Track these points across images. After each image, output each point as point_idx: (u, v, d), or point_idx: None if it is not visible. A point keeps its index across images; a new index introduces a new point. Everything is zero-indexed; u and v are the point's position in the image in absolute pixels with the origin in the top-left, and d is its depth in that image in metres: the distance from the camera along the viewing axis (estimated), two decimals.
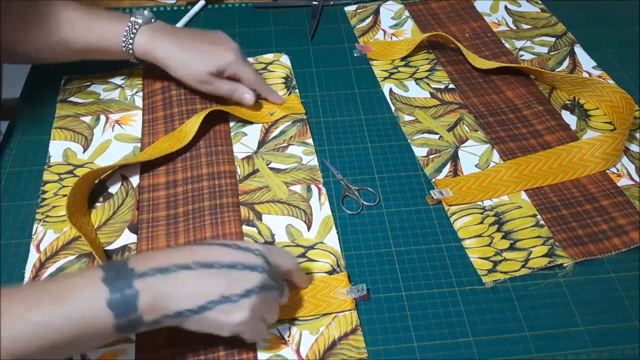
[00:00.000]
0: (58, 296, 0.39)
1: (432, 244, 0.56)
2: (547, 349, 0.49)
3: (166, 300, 0.41)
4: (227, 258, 0.43)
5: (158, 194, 0.60)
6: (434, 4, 0.87)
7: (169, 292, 0.41)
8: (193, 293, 0.41)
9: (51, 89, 0.71)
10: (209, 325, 0.43)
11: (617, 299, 0.52)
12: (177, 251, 0.44)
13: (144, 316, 0.40)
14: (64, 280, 0.41)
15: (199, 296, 0.41)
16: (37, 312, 0.38)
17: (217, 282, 0.42)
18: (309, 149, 0.64)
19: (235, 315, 0.42)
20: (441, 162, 0.63)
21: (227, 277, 0.42)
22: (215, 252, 0.43)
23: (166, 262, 0.42)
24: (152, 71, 0.73)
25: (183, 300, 0.41)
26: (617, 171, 0.62)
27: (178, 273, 0.41)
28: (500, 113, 0.69)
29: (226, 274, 0.42)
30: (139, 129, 0.67)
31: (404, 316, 0.51)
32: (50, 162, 0.62)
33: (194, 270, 0.42)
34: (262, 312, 0.45)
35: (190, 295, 0.41)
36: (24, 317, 0.38)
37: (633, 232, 0.56)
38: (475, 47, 0.79)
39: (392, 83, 0.73)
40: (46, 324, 0.38)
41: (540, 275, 0.54)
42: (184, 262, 0.42)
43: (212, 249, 0.44)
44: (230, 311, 0.42)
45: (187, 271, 0.41)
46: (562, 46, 0.79)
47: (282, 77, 0.74)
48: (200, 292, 0.41)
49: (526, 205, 0.59)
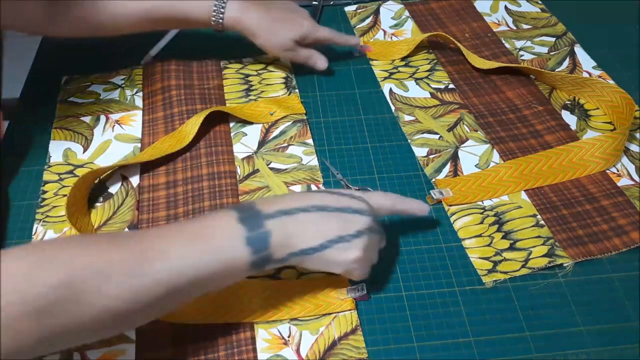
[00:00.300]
0: (201, 234, 0.42)
1: (432, 244, 0.56)
2: (547, 349, 0.49)
3: (292, 239, 0.44)
4: (338, 203, 0.47)
5: (158, 194, 0.60)
6: (434, 4, 0.87)
7: (294, 232, 0.44)
8: (314, 233, 0.45)
9: (51, 89, 0.71)
10: (327, 262, 0.46)
11: (617, 299, 0.52)
12: (296, 196, 0.47)
13: (273, 254, 0.44)
14: (202, 221, 0.44)
15: (319, 236, 0.45)
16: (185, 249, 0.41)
17: (333, 224, 0.46)
18: (309, 149, 0.65)
19: (350, 253, 0.46)
20: (441, 162, 0.63)
21: (341, 219, 0.46)
22: (327, 198, 0.47)
23: (288, 206, 0.45)
24: (152, 71, 0.73)
25: (306, 239, 0.45)
26: (617, 171, 0.62)
27: (299, 215, 0.45)
28: (501, 113, 0.69)
29: (339, 217, 0.46)
30: (139, 129, 0.67)
31: (404, 316, 0.51)
32: (50, 162, 0.62)
33: (312, 213, 0.45)
34: (370, 252, 0.48)
35: (312, 235, 0.45)
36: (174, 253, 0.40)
37: (633, 232, 0.56)
38: (475, 47, 0.79)
39: (392, 83, 0.73)
40: (194, 259, 0.41)
41: (540, 275, 0.54)
42: (304, 205, 0.45)
43: (325, 196, 0.47)
44: (346, 249, 0.46)
45: (307, 213, 0.45)
46: (562, 46, 0.79)
47: (282, 77, 0.74)
48: (320, 233, 0.45)
49: (526, 205, 0.59)
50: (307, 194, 0.49)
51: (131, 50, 0.76)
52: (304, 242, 0.45)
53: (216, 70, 0.75)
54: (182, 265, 0.40)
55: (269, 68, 0.75)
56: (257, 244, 0.43)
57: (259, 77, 0.74)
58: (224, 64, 0.75)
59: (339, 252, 0.45)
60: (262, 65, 0.76)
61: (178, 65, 0.74)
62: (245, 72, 0.74)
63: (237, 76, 0.74)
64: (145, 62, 0.75)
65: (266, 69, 0.75)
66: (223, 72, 0.74)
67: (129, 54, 0.76)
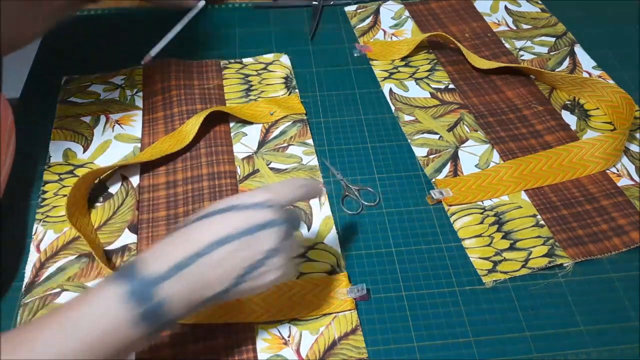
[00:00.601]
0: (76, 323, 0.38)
1: (432, 244, 0.56)
2: (547, 349, 0.49)
3: (194, 294, 0.40)
4: (240, 225, 0.41)
5: (158, 194, 0.60)
6: (434, 4, 0.87)
7: (194, 287, 0.39)
8: (219, 276, 0.40)
9: (51, 89, 0.71)
10: (247, 292, 0.42)
11: (617, 299, 0.52)
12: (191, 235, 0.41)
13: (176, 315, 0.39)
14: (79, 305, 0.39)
15: (226, 277, 0.40)
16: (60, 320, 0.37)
17: (238, 258, 0.40)
18: (309, 149, 0.65)
19: (267, 276, 0.42)
20: (441, 162, 0.63)
21: (246, 246, 0.40)
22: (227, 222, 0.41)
23: (183, 255, 0.40)
24: (152, 71, 0.73)
25: (212, 286, 0.40)
26: (617, 171, 0.62)
27: (198, 263, 0.39)
28: (500, 113, 0.69)
29: (244, 244, 0.40)
30: (139, 129, 0.67)
31: (404, 316, 0.51)
32: (50, 162, 0.62)
33: (212, 254, 0.40)
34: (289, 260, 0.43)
35: (217, 280, 0.40)
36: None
37: (633, 232, 0.56)
38: (475, 47, 0.79)
39: (392, 83, 0.73)
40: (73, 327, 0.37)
41: (540, 275, 0.54)
42: (201, 248, 0.40)
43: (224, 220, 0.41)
44: (262, 275, 0.41)
45: (207, 257, 0.40)
46: (562, 46, 0.79)
47: (282, 77, 0.74)
48: (226, 274, 0.40)
49: (526, 205, 0.59)
50: (203, 225, 0.42)
51: (131, 50, 0.76)
52: (211, 289, 0.40)
53: (216, 70, 0.75)
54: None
55: (269, 68, 0.75)
56: (150, 319, 0.38)
57: (259, 77, 0.74)
58: (224, 64, 0.75)
59: (255, 280, 0.41)
60: (262, 65, 0.76)
61: (178, 65, 0.74)
62: (245, 72, 0.74)
63: (237, 76, 0.74)
64: (145, 62, 0.75)
65: (266, 69, 0.75)
66: (223, 72, 0.74)
67: (129, 54, 0.75)
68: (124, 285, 0.38)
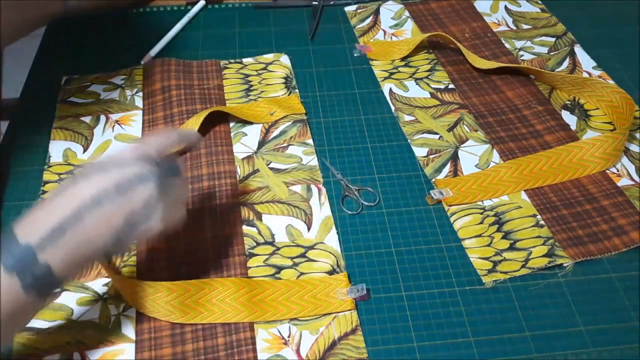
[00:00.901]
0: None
1: (432, 244, 0.56)
2: (547, 349, 0.49)
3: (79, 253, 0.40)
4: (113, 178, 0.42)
5: None
6: (434, 4, 0.87)
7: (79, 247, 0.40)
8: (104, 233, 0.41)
9: (51, 89, 0.71)
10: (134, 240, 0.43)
11: (617, 299, 0.52)
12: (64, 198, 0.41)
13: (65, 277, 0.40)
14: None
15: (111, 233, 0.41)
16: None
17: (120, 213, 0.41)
18: (309, 149, 0.65)
19: (151, 225, 0.43)
20: (441, 162, 0.63)
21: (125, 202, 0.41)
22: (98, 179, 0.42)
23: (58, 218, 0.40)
24: (152, 71, 0.73)
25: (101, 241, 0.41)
26: (617, 171, 0.62)
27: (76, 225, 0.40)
28: (500, 113, 0.69)
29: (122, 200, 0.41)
30: (139, 129, 0.67)
31: (404, 316, 0.51)
32: (50, 162, 0.62)
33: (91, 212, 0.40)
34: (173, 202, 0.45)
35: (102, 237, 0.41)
36: None
37: (633, 232, 0.56)
38: (475, 47, 0.79)
39: (392, 83, 0.73)
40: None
41: (540, 275, 0.54)
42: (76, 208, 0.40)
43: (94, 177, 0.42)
44: (144, 224, 0.42)
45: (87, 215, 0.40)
46: (562, 46, 0.79)
47: (282, 77, 0.74)
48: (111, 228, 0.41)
49: (526, 205, 0.59)
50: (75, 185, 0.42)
51: (131, 50, 0.76)
52: (93, 245, 0.41)
53: (216, 70, 0.75)
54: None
55: (269, 68, 0.75)
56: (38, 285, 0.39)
57: (259, 77, 0.74)
58: (224, 64, 0.75)
59: (139, 229, 0.42)
60: (262, 65, 0.76)
61: (178, 65, 0.74)
62: (245, 72, 0.75)
63: (237, 76, 0.74)
64: (145, 62, 0.75)
65: (266, 69, 0.75)
66: (223, 72, 0.74)
67: (129, 54, 0.76)
68: (7, 258, 0.38)
